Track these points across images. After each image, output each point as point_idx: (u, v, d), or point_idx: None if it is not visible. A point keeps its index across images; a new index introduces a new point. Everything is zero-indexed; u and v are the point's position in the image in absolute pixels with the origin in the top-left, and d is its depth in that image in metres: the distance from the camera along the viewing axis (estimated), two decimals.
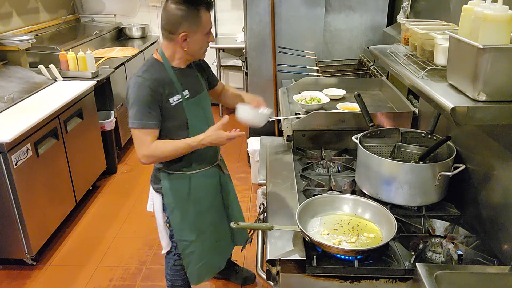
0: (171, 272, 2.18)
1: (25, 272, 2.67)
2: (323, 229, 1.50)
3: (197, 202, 1.95)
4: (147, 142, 1.72)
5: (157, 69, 1.74)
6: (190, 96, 1.80)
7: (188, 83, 1.81)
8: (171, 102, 1.75)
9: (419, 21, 1.72)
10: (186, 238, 1.98)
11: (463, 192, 1.66)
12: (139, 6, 5.16)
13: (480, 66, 1.09)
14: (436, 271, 1.22)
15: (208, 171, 1.97)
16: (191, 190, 1.92)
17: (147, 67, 1.75)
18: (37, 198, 2.66)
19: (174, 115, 1.77)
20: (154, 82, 1.69)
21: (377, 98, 2.62)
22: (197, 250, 2.01)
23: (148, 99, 1.68)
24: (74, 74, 3.46)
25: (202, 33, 1.71)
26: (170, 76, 1.75)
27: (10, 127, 2.50)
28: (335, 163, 2.03)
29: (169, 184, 1.91)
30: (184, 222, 1.96)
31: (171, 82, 1.75)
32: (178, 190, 1.92)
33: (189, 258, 2.03)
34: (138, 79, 1.70)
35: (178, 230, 1.98)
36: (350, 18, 3.31)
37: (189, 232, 1.98)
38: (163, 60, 1.76)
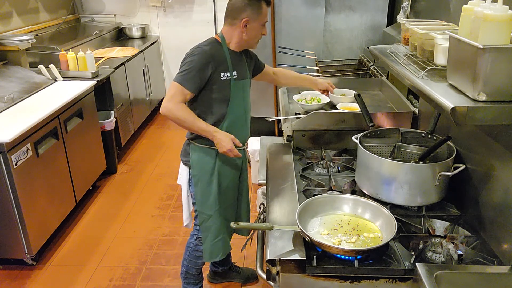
0: (189, 258, 2.25)
1: (25, 272, 2.67)
2: (323, 229, 1.50)
3: (220, 177, 2.05)
4: (177, 99, 1.87)
5: (216, 46, 1.94)
6: (237, 77, 1.97)
7: (238, 66, 1.99)
8: (221, 76, 1.92)
9: (419, 21, 1.72)
10: (206, 211, 2.08)
11: (463, 192, 1.66)
12: (139, 6, 5.16)
13: (480, 66, 1.09)
14: (436, 271, 1.22)
15: None
16: (216, 165, 2.03)
17: (207, 42, 1.94)
18: (37, 198, 2.66)
19: (220, 89, 1.93)
20: (211, 56, 1.88)
21: (377, 98, 2.62)
22: (215, 225, 2.10)
23: (200, 67, 1.86)
24: (74, 74, 3.46)
25: (260, 22, 1.92)
26: (225, 55, 1.93)
27: (10, 127, 2.50)
28: (335, 163, 2.03)
29: (197, 157, 2.03)
30: (206, 195, 2.06)
31: (225, 60, 1.93)
32: (204, 163, 2.03)
33: (206, 232, 2.12)
34: (199, 49, 1.89)
35: (200, 202, 2.09)
36: (350, 18, 3.31)
37: (209, 206, 2.07)
38: (222, 41, 1.95)
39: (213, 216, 2.09)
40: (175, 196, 3.48)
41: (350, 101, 2.37)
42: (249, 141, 3.44)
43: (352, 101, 2.35)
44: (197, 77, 1.86)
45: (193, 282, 2.33)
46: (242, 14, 1.88)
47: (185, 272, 2.30)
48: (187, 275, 2.30)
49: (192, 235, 2.23)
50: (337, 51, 3.42)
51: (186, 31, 5.06)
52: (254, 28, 1.92)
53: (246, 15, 1.88)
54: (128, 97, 4.20)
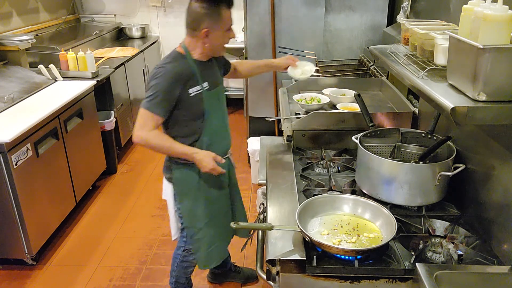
0: (177, 268, 2.22)
1: (25, 272, 2.67)
2: (323, 229, 1.50)
3: (207, 190, 2.00)
4: (149, 126, 1.79)
5: (180, 61, 1.83)
6: (209, 88, 1.88)
7: (208, 75, 1.90)
8: (190, 92, 1.82)
9: (419, 21, 1.72)
10: (196, 225, 2.03)
11: (463, 192, 1.66)
12: (139, 6, 5.16)
13: (480, 66, 1.09)
14: (436, 271, 1.22)
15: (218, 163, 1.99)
16: (200, 180, 1.97)
17: (170, 59, 1.84)
18: (37, 198, 2.66)
19: (192, 105, 1.85)
20: (176, 74, 1.78)
21: (377, 98, 2.62)
22: (207, 237, 2.06)
23: (165, 89, 1.76)
24: (74, 74, 3.46)
25: (223, 29, 1.80)
26: (192, 68, 1.83)
27: (10, 127, 2.50)
28: (335, 163, 2.03)
29: (180, 173, 1.96)
30: (194, 211, 2.01)
31: (192, 74, 1.83)
32: (188, 180, 1.97)
33: (197, 244, 2.07)
34: (161, 70, 1.79)
35: (188, 218, 2.03)
36: (350, 18, 3.31)
37: (198, 219, 2.02)
38: (186, 53, 1.85)
39: (203, 228, 2.03)
40: None
41: (350, 101, 2.37)
42: (249, 141, 3.45)
43: (352, 101, 2.35)
44: (165, 101, 1.78)
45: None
46: (201, 24, 1.76)
47: (174, 282, 2.28)
48: (177, 284, 2.29)
49: (179, 247, 2.19)
50: (337, 51, 3.42)
51: None
52: (217, 36, 1.80)
53: (205, 25, 1.76)
54: (128, 97, 4.20)
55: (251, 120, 3.71)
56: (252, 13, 3.28)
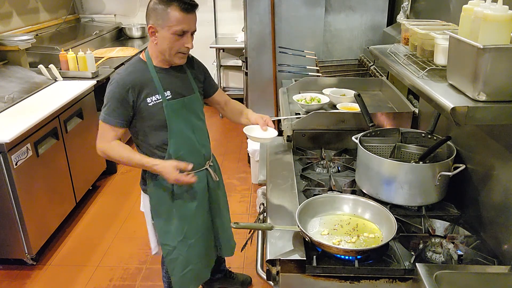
0: (166, 275, 2.16)
1: (25, 272, 2.67)
2: (323, 229, 1.50)
3: (181, 206, 1.90)
4: (107, 138, 1.74)
5: (139, 68, 1.74)
6: (172, 97, 1.77)
7: (172, 84, 1.78)
8: (149, 102, 1.73)
9: (419, 21, 1.72)
10: (169, 243, 1.93)
11: (463, 192, 1.66)
12: (139, 6, 5.16)
13: (480, 66, 1.09)
14: (436, 271, 1.22)
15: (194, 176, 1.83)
16: (174, 193, 1.87)
17: (128, 65, 1.77)
18: (37, 198, 2.66)
19: (152, 115, 1.75)
20: (129, 84, 1.69)
21: (377, 98, 2.62)
22: (181, 257, 1.95)
23: (118, 97, 1.69)
24: (74, 74, 3.46)
25: (169, 30, 1.64)
26: (152, 75, 1.74)
27: (10, 127, 2.50)
28: (335, 163, 2.03)
29: (154, 186, 1.87)
30: (167, 226, 1.91)
31: (151, 82, 1.73)
32: (161, 193, 1.87)
33: (172, 265, 1.96)
34: (116, 77, 1.72)
35: (161, 233, 1.94)
36: (350, 18, 3.31)
37: (172, 237, 1.92)
38: (147, 59, 1.76)
39: (177, 247, 1.92)
40: None
41: (350, 101, 2.37)
42: (249, 141, 3.45)
43: (352, 101, 2.35)
44: (119, 110, 1.70)
45: None
46: (149, 20, 1.67)
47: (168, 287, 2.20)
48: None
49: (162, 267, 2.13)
50: (337, 51, 3.42)
51: None
52: (164, 37, 1.65)
53: (151, 21, 1.65)
54: None
55: None
56: (252, 13, 3.28)
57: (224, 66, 5.12)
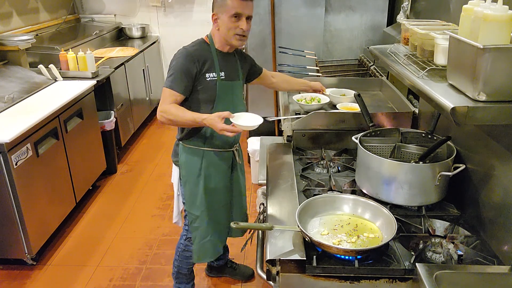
0: (179, 258, 2.26)
1: (25, 272, 2.67)
2: (323, 229, 1.50)
3: (207, 178, 2.05)
4: (167, 101, 1.89)
5: (203, 47, 1.94)
6: (225, 78, 1.96)
7: (227, 66, 1.97)
8: (207, 77, 1.91)
9: (419, 21, 1.72)
10: (194, 212, 2.09)
11: (463, 192, 1.66)
12: (139, 6, 5.16)
13: (480, 66, 1.09)
14: (436, 271, 1.22)
15: (222, 153, 2.07)
16: (202, 166, 2.03)
17: (194, 43, 1.95)
18: (37, 198, 2.66)
19: (206, 89, 1.93)
20: (195, 57, 1.88)
21: (377, 98, 2.62)
22: (203, 226, 2.10)
23: (184, 68, 1.87)
24: (74, 74, 3.46)
25: (227, 14, 1.84)
26: (212, 55, 1.93)
27: (10, 127, 2.50)
28: (335, 163, 2.03)
29: (185, 157, 2.04)
30: (193, 196, 2.07)
31: (212, 61, 1.92)
32: (191, 164, 2.03)
33: (195, 233, 2.13)
34: (183, 51, 1.91)
35: (188, 203, 2.10)
36: (350, 18, 3.31)
37: (197, 206, 2.08)
38: (209, 40, 1.95)
39: (200, 217, 2.09)
40: None
41: (350, 101, 2.37)
42: (249, 141, 3.45)
43: (352, 101, 2.35)
44: (184, 78, 1.87)
45: (185, 281, 2.35)
46: (213, 9, 1.90)
47: (176, 272, 2.31)
48: (179, 275, 2.32)
49: (182, 236, 2.25)
50: (337, 51, 3.42)
51: (186, 31, 5.05)
52: (223, 22, 1.87)
53: (215, 10, 1.89)
54: (128, 97, 4.20)
55: None
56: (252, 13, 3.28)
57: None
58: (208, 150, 2.03)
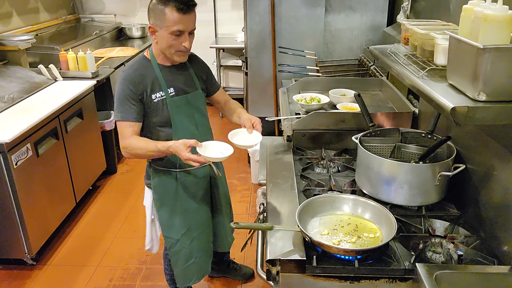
0: (168, 267, 2.21)
1: (25, 272, 2.67)
2: (323, 229, 1.50)
3: (185, 200, 1.96)
4: (126, 135, 1.77)
5: (143, 65, 1.80)
6: (175, 94, 1.82)
7: (176, 81, 1.83)
8: (153, 98, 1.78)
9: (419, 21, 1.72)
10: (172, 236, 2.00)
11: (463, 192, 1.66)
12: (139, 6, 5.16)
13: (480, 66, 1.09)
14: (436, 271, 1.22)
15: (197, 170, 1.95)
16: (178, 188, 1.94)
17: (133, 63, 1.82)
18: (37, 198, 2.66)
19: (156, 111, 1.80)
20: (135, 78, 1.75)
21: (377, 98, 2.62)
22: (184, 249, 2.01)
23: (127, 93, 1.74)
24: (74, 74, 3.46)
25: (167, 30, 1.68)
26: (156, 72, 1.79)
27: (10, 127, 2.50)
28: (335, 163, 2.03)
29: (158, 180, 1.93)
30: (171, 220, 1.98)
31: (155, 79, 1.78)
32: (165, 186, 1.94)
33: (175, 257, 2.03)
34: (122, 75, 1.78)
35: (165, 227, 2.00)
36: (350, 18, 3.31)
37: (175, 230, 1.98)
38: (151, 56, 1.81)
39: (180, 240, 1.99)
40: None
41: (350, 101, 2.37)
42: None
43: (352, 101, 2.35)
44: (131, 105, 1.75)
45: None
46: (149, 19, 1.73)
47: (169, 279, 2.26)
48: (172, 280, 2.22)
49: (165, 259, 2.18)
50: (337, 51, 3.42)
51: None
52: (162, 37, 1.70)
53: (151, 21, 1.72)
54: None
55: None
56: (252, 13, 3.28)
57: (224, 66, 5.12)
58: (181, 171, 1.92)
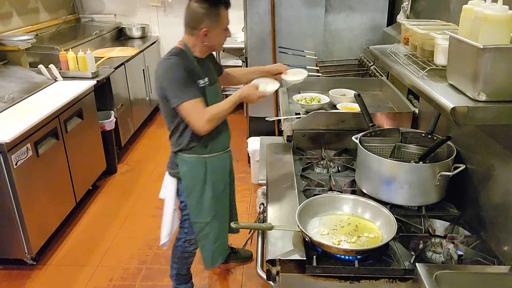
0: (178, 260, 2.26)
1: (25, 272, 2.67)
2: (323, 229, 1.50)
3: (213, 184, 2.05)
4: (201, 110, 1.84)
5: (183, 56, 1.89)
6: (209, 83, 1.95)
7: (207, 71, 1.96)
8: (200, 83, 1.89)
9: (419, 21, 1.72)
10: (202, 220, 2.07)
11: (463, 192, 1.66)
12: (139, 6, 5.16)
13: (480, 66, 1.09)
14: (436, 271, 1.22)
15: (222, 156, 2.08)
16: (207, 173, 2.02)
17: (174, 52, 1.88)
18: (37, 198, 2.66)
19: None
20: (184, 64, 1.84)
21: (377, 98, 2.62)
22: (212, 232, 2.10)
23: (184, 75, 1.82)
24: (74, 74, 3.46)
25: (221, 28, 1.87)
26: (194, 63, 1.90)
27: (10, 127, 2.50)
28: (335, 163, 2.03)
29: (186, 168, 2.00)
30: (201, 204, 2.05)
31: (195, 68, 1.89)
32: (195, 173, 2.01)
33: (204, 241, 2.12)
34: (169, 61, 1.84)
35: (195, 212, 2.07)
36: (350, 18, 3.31)
37: (205, 214, 2.07)
38: (186, 50, 1.91)
39: (211, 222, 2.08)
40: None
41: (350, 101, 2.37)
42: (249, 141, 3.45)
43: (352, 101, 2.35)
44: (192, 83, 1.84)
45: (184, 281, 2.36)
46: (200, 24, 1.83)
47: (176, 274, 2.31)
48: (178, 276, 2.32)
49: (179, 239, 2.22)
50: (337, 51, 3.42)
51: None
52: (216, 35, 1.87)
53: (205, 25, 1.83)
54: (128, 97, 4.20)
55: (251, 120, 3.71)
56: (252, 13, 3.28)
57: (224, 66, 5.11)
58: (211, 156, 2.02)
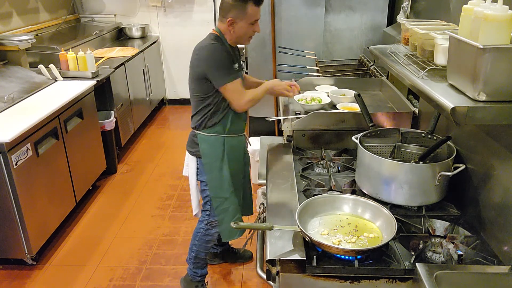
0: (199, 243, 2.30)
1: (25, 272, 2.67)
2: (323, 229, 1.50)
3: (231, 162, 2.15)
4: (241, 89, 2.01)
5: (220, 40, 2.01)
6: (239, 69, 2.09)
7: (237, 58, 2.10)
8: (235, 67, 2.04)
9: (419, 21, 1.72)
10: (222, 195, 2.17)
11: (463, 192, 1.66)
12: (139, 6, 5.16)
13: (480, 66, 1.09)
14: (436, 271, 1.22)
15: (239, 137, 2.19)
16: (225, 151, 2.13)
17: (213, 38, 2.01)
18: (37, 198, 2.66)
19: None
20: (223, 48, 1.98)
21: (377, 98, 2.62)
22: (231, 207, 2.19)
23: (227, 58, 1.98)
24: (74, 74, 3.46)
25: (247, 22, 1.96)
26: (228, 49, 2.03)
27: (10, 127, 2.50)
28: (335, 163, 2.03)
29: (207, 145, 2.12)
30: (220, 180, 2.15)
31: (229, 53, 2.02)
32: (214, 151, 2.12)
33: (223, 215, 2.20)
34: (214, 45, 1.98)
35: (214, 188, 2.17)
36: (350, 18, 3.31)
37: (225, 189, 2.16)
38: (221, 36, 2.03)
39: (229, 197, 2.17)
40: (175, 196, 3.48)
41: (350, 101, 2.37)
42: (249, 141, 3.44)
43: (352, 101, 2.35)
44: (234, 65, 2.01)
45: (201, 266, 2.38)
46: (228, 13, 1.95)
47: (194, 257, 2.35)
48: (197, 259, 2.35)
49: (201, 221, 2.29)
50: (337, 51, 3.42)
51: (186, 31, 5.06)
52: (241, 27, 1.98)
53: (231, 15, 1.95)
54: (128, 97, 4.20)
55: (251, 120, 3.71)
56: None
57: None
58: (229, 136, 2.12)
